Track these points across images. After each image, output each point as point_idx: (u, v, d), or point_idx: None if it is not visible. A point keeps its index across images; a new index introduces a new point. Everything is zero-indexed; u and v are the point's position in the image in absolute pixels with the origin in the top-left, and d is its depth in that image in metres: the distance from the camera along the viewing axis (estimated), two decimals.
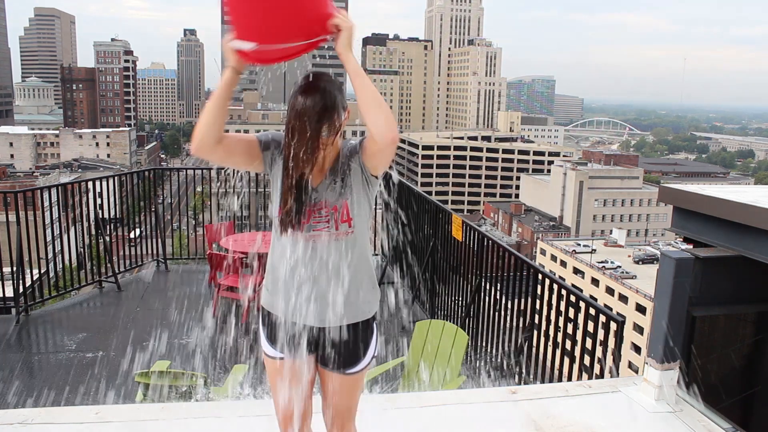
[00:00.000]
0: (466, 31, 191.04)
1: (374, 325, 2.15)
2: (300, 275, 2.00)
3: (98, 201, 7.48)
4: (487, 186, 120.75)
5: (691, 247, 3.40)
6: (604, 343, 3.63)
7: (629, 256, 60.08)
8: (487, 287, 5.34)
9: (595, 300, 4.14)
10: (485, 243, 5.44)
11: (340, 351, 2.08)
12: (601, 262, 57.20)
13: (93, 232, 7.57)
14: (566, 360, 4.20)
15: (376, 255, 8.80)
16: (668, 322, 3.12)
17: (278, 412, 2.19)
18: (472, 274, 5.64)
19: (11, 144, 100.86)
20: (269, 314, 2.11)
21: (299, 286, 2.01)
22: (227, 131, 1.96)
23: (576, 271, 56.20)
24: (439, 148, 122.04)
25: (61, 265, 7.20)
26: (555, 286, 4.19)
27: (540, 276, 4.46)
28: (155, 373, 3.53)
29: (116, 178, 8.09)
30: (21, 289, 6.31)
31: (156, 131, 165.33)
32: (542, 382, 4.24)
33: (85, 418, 3.01)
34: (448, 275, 6.28)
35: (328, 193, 1.99)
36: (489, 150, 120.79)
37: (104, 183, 7.58)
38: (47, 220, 7.14)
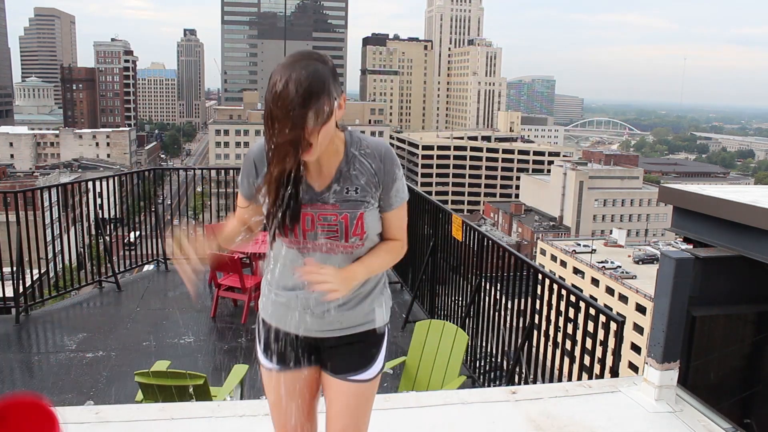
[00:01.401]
0: (466, 31, 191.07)
1: (384, 335, 1.99)
2: (299, 284, 1.84)
3: (98, 201, 7.48)
4: (487, 186, 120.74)
5: (691, 247, 3.40)
6: (604, 343, 3.63)
7: (629, 256, 60.08)
8: (487, 287, 5.34)
9: (595, 300, 4.14)
10: (485, 243, 5.44)
11: (345, 356, 1.93)
12: (601, 262, 57.20)
13: (93, 232, 7.58)
14: (566, 360, 4.20)
15: None
16: (668, 322, 3.12)
17: (276, 427, 2.03)
18: (472, 274, 5.64)
19: (11, 144, 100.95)
20: (265, 323, 1.97)
21: (297, 296, 1.87)
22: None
23: (576, 271, 56.21)
24: (439, 148, 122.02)
25: (61, 265, 7.21)
26: (555, 286, 4.19)
27: (540, 276, 4.46)
28: (155, 373, 3.53)
29: (116, 178, 8.09)
30: (21, 289, 6.31)
31: (156, 131, 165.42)
32: (542, 382, 4.24)
33: (85, 418, 3.01)
34: (448, 275, 6.28)
35: (338, 199, 1.78)
36: (489, 150, 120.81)
37: (104, 183, 7.58)
38: (47, 220, 7.13)
